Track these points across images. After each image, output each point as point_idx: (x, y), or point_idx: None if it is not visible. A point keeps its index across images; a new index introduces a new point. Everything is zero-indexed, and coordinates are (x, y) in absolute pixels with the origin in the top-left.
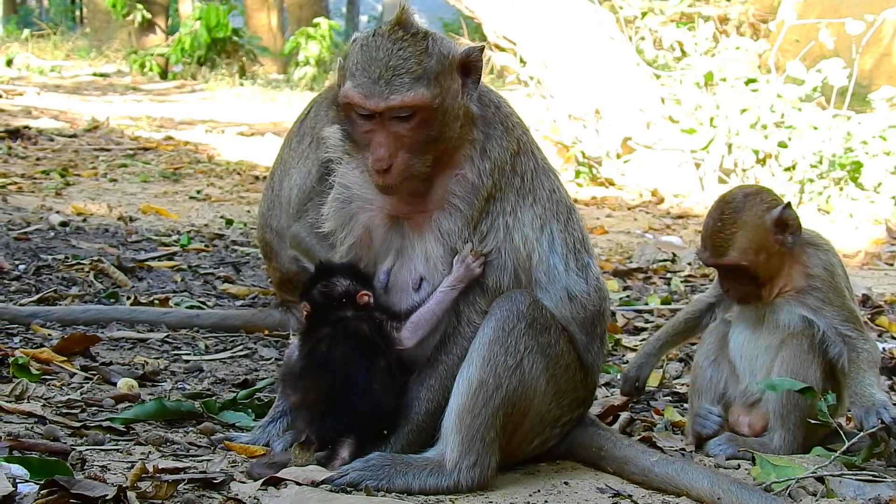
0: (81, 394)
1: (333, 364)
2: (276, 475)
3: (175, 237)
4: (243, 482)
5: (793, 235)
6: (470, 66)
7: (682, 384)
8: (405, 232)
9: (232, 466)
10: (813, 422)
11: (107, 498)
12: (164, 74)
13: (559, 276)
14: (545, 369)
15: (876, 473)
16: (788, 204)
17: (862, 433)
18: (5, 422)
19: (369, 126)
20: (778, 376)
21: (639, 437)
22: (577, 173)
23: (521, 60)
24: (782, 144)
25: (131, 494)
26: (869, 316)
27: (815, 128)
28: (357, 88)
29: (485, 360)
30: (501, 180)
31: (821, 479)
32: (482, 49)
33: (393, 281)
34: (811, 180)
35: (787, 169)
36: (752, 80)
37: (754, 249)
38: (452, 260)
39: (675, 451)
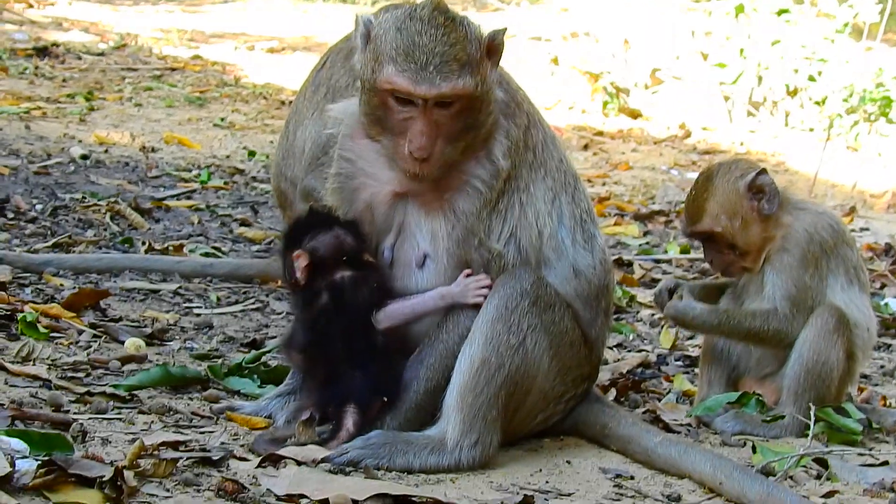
0: (88, 354)
1: (337, 333)
2: (277, 453)
3: (195, 172)
4: (243, 458)
5: (769, 202)
6: (494, 49)
7: (696, 346)
8: (409, 209)
9: (233, 439)
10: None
11: (104, 479)
12: None
13: (566, 251)
14: (549, 347)
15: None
16: (763, 170)
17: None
18: (10, 385)
19: (408, 113)
20: (799, 354)
21: (643, 410)
22: (605, 104)
23: None
24: (811, 78)
25: (129, 474)
26: (892, 267)
27: (847, 62)
28: (404, 74)
29: (487, 339)
30: (517, 157)
31: (824, 463)
32: (505, 31)
33: (396, 257)
34: (840, 115)
35: (818, 103)
36: (785, 11)
37: (728, 215)
38: (462, 238)
39: (681, 425)
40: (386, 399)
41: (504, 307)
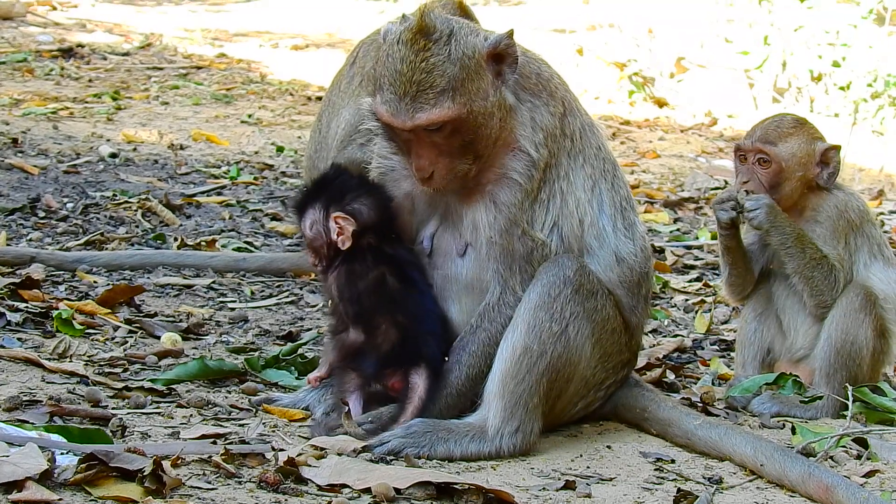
0: (124, 349)
1: (404, 293)
2: (316, 444)
3: (225, 168)
4: (282, 450)
5: (829, 177)
6: (501, 54)
7: (731, 330)
8: (450, 199)
9: (272, 431)
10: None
11: (145, 472)
12: None
13: (608, 239)
14: (591, 335)
15: None
16: (839, 147)
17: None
18: (47, 382)
19: (406, 136)
20: (828, 335)
21: (681, 397)
22: (631, 93)
23: None
24: (835, 64)
25: (168, 465)
26: None
27: (870, 47)
28: (385, 105)
29: (530, 327)
30: (554, 146)
31: (863, 443)
32: (511, 35)
33: (436, 246)
34: (864, 100)
35: (842, 88)
36: None
37: (794, 160)
38: (505, 228)
39: (720, 408)
40: (447, 359)
41: (547, 295)
